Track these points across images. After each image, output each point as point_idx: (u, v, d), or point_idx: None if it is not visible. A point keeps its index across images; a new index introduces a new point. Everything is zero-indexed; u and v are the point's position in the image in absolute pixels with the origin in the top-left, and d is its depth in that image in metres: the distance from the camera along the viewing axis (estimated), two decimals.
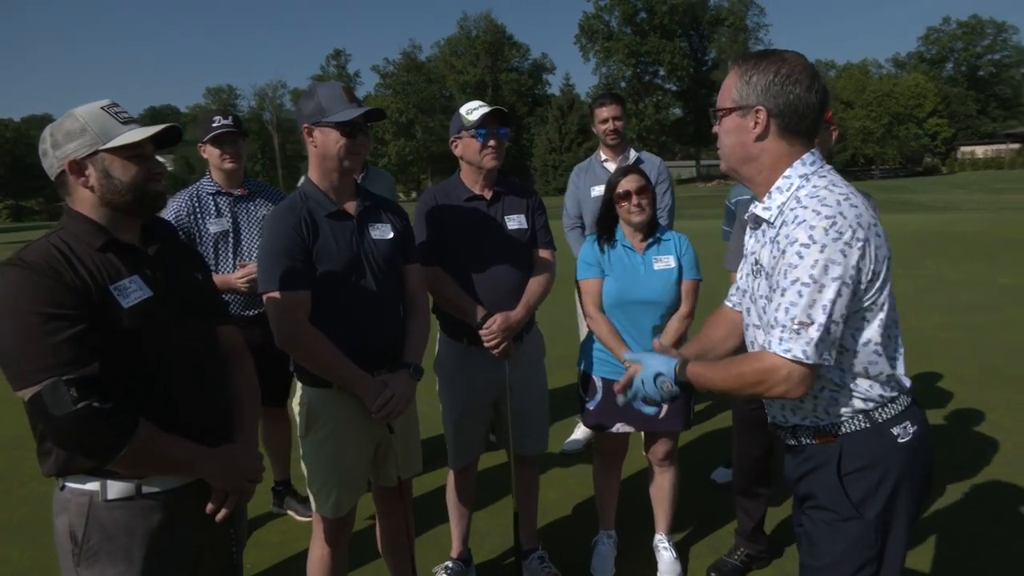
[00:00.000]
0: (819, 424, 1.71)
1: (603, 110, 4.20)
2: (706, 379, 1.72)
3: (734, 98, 1.68)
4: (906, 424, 1.68)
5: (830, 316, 1.52)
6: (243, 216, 3.44)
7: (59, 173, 1.66)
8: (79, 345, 1.53)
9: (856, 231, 1.53)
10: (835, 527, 1.69)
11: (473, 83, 67.06)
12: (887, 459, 1.66)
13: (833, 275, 1.51)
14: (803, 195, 1.62)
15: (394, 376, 2.34)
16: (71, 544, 1.64)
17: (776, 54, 1.68)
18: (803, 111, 1.64)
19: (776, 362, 1.55)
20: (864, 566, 1.67)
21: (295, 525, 3.75)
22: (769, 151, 1.68)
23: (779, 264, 1.59)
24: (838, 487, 1.68)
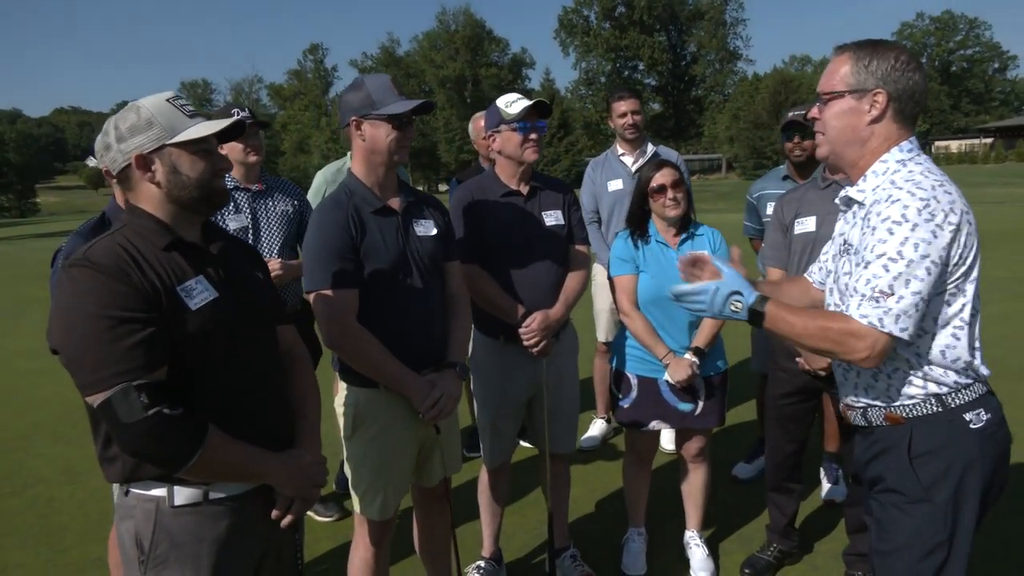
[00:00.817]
0: (891, 405, 1.74)
1: (621, 104, 4.17)
2: (785, 321, 1.66)
3: (849, 82, 1.72)
4: (980, 411, 1.70)
5: (913, 292, 1.56)
6: (262, 212, 3.35)
7: (123, 167, 1.59)
8: (149, 349, 1.47)
9: (948, 215, 1.58)
10: (904, 510, 1.72)
11: (453, 78, 66.73)
12: (958, 444, 1.68)
13: (921, 253, 1.56)
14: (898, 178, 1.66)
15: (441, 376, 2.30)
16: (137, 551, 1.59)
17: (888, 42, 1.73)
18: (917, 97, 1.71)
19: (859, 328, 1.59)
20: (934, 551, 1.68)
21: (315, 526, 3.68)
22: (879, 134, 1.73)
23: (868, 240, 1.63)
24: (908, 469, 1.70)
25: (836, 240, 1.89)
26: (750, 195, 3.90)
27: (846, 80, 1.72)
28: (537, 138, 2.68)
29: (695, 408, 2.90)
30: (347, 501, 3.89)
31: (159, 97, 1.61)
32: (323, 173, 3.94)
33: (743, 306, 1.69)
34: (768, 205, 3.65)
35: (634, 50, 65.36)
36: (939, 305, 1.65)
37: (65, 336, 1.46)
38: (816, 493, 3.78)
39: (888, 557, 1.76)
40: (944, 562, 1.69)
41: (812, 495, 3.74)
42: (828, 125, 1.77)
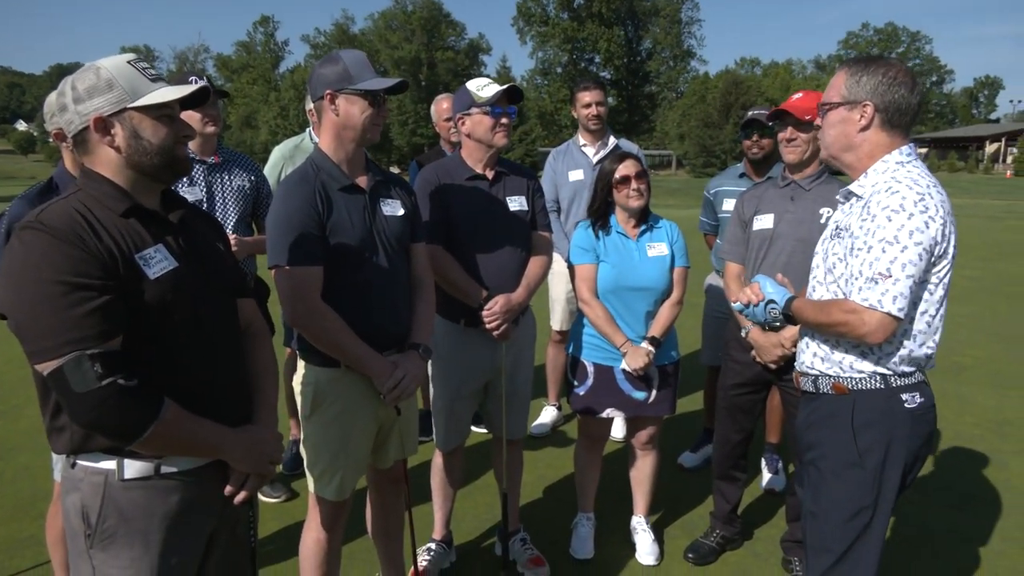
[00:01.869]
0: (840, 376, 1.95)
1: (586, 94, 4.19)
2: (804, 314, 1.99)
3: (843, 94, 1.93)
4: (915, 394, 1.92)
5: (908, 275, 1.75)
6: (217, 185, 3.25)
7: (81, 130, 1.52)
8: (105, 318, 1.42)
9: (939, 211, 1.78)
10: (838, 474, 1.94)
11: (408, 59, 65.76)
12: (892, 419, 1.90)
13: (915, 240, 1.75)
14: (899, 174, 1.86)
15: (404, 357, 2.28)
16: (83, 525, 1.54)
17: (883, 59, 1.94)
18: (904, 109, 1.90)
19: (856, 308, 1.80)
20: (859, 513, 1.91)
21: (264, 507, 3.62)
22: (869, 141, 1.93)
23: (867, 226, 1.82)
24: (848, 435, 1.91)
25: (829, 227, 2.09)
26: (707, 191, 3.99)
27: (841, 92, 1.94)
28: (508, 123, 2.68)
29: (649, 396, 2.96)
30: (295, 482, 3.85)
31: (120, 59, 1.55)
32: (280, 149, 3.85)
33: (779, 311, 2.07)
34: (724, 201, 3.74)
35: (591, 42, 65.58)
36: (920, 294, 1.84)
37: (15, 301, 1.40)
38: (757, 482, 3.91)
39: (818, 517, 1.99)
40: (867, 524, 1.91)
41: (753, 484, 3.87)
42: (826, 132, 2.00)
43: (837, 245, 1.96)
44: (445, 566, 3.10)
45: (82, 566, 1.55)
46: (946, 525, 3.47)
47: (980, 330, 7.30)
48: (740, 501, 3.28)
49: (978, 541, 3.33)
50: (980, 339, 6.96)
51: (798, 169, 2.90)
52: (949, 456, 4.27)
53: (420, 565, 2.98)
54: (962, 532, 3.40)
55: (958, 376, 5.79)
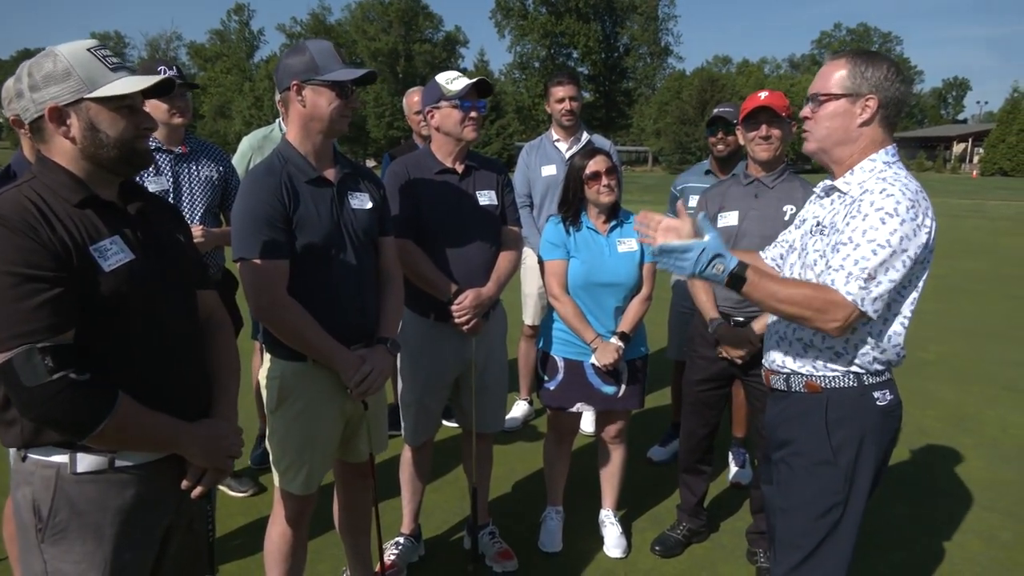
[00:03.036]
0: (813, 375, 1.93)
1: (559, 89, 4.19)
2: (765, 287, 1.80)
3: (845, 86, 1.86)
4: (886, 391, 1.93)
5: (890, 279, 1.75)
6: (184, 176, 3.21)
7: (36, 118, 1.49)
8: (56, 310, 1.39)
9: (926, 219, 1.78)
10: (810, 471, 1.92)
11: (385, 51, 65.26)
12: (865, 416, 1.89)
13: (904, 247, 1.74)
14: (888, 176, 1.82)
15: (372, 351, 2.27)
16: (35, 519, 1.51)
17: (878, 53, 1.90)
18: (901, 105, 1.88)
19: (842, 300, 1.75)
20: (831, 510, 1.90)
21: (228, 501, 3.59)
22: (866, 136, 1.88)
23: (856, 224, 1.78)
24: (823, 432, 1.90)
25: (808, 222, 2.04)
26: (674, 187, 4.02)
27: (843, 84, 1.86)
28: (477, 117, 2.67)
29: (618, 391, 2.99)
30: (262, 476, 3.82)
31: (79, 45, 1.50)
32: (249, 139, 3.81)
33: (724, 268, 1.78)
34: (691, 198, 3.77)
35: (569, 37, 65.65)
36: (896, 296, 1.84)
37: None
38: (723, 476, 3.96)
39: (788, 513, 1.97)
40: (838, 521, 1.89)
41: (719, 478, 3.92)
42: (820, 124, 1.91)
43: (819, 242, 1.92)
44: (413, 560, 3.09)
45: (33, 561, 1.52)
46: (907, 517, 3.54)
47: (943, 326, 7.46)
48: (706, 494, 3.32)
49: (938, 533, 3.40)
50: (943, 335, 7.11)
51: (768, 166, 2.93)
52: (912, 450, 4.36)
53: (388, 559, 2.98)
54: (922, 524, 3.48)
55: (922, 371, 5.92)
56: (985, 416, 4.95)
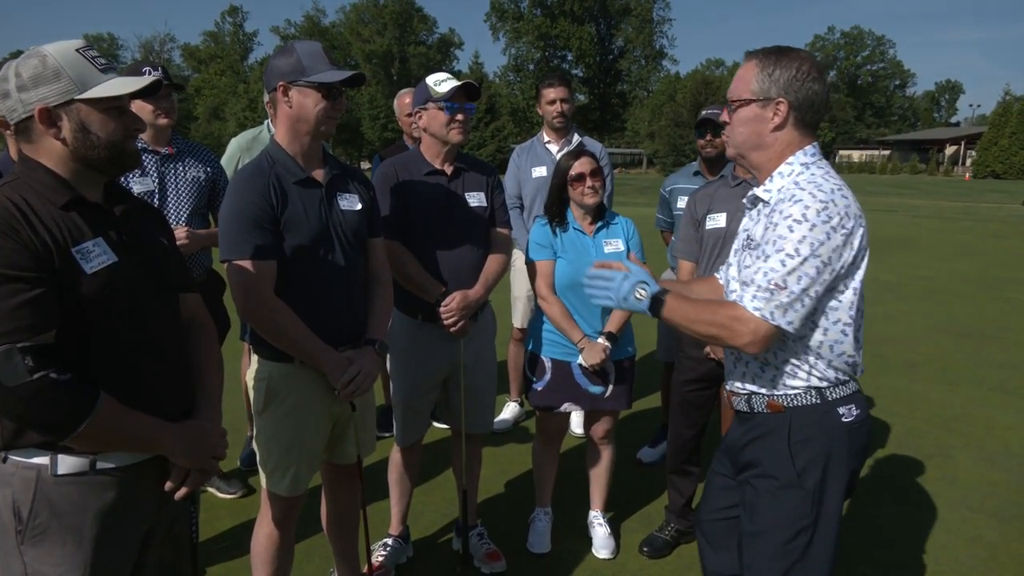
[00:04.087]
0: (774, 394, 1.83)
1: (551, 91, 4.20)
2: (679, 311, 1.77)
3: (753, 90, 1.78)
4: (851, 406, 1.82)
5: (803, 288, 1.66)
6: (171, 176, 3.20)
7: (24, 119, 1.49)
8: (37, 311, 1.39)
9: (844, 220, 1.68)
10: (776, 494, 1.81)
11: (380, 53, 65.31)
12: (830, 435, 1.79)
13: (814, 252, 1.65)
14: (802, 180, 1.74)
15: (359, 352, 2.27)
16: (15, 520, 1.50)
17: (793, 51, 1.78)
18: (817, 106, 1.78)
19: (745, 315, 1.68)
20: (799, 534, 1.79)
21: (217, 503, 3.59)
22: (782, 140, 1.80)
23: (768, 235, 1.72)
24: (786, 454, 1.79)
25: (740, 235, 1.97)
26: (663, 189, 4.04)
27: (751, 88, 1.78)
28: (464, 119, 2.67)
29: (605, 391, 3.00)
30: (251, 478, 3.81)
31: (67, 45, 1.50)
32: (238, 140, 3.80)
33: (647, 294, 1.78)
34: (679, 199, 3.79)
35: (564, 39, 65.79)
36: (828, 302, 1.74)
37: None
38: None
39: (756, 538, 1.85)
40: (808, 544, 1.79)
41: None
42: (735, 130, 1.85)
43: (748, 257, 1.83)
44: (402, 561, 3.10)
45: (13, 563, 1.51)
46: (893, 519, 3.56)
47: (933, 328, 7.51)
48: (694, 495, 3.33)
49: (923, 534, 3.42)
50: (932, 336, 7.15)
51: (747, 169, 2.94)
52: (899, 451, 4.38)
53: (376, 560, 2.98)
54: (909, 526, 3.50)
55: (910, 372, 5.95)
56: (973, 417, 4.97)
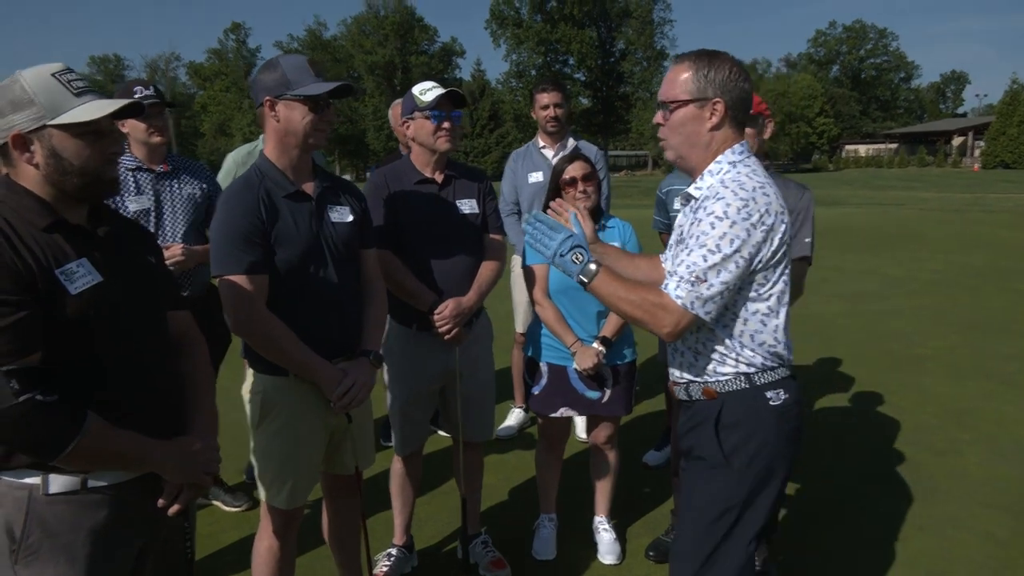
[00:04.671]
0: (707, 381, 1.92)
1: (544, 96, 4.20)
2: (609, 287, 1.85)
3: (691, 91, 1.84)
4: (780, 391, 1.90)
5: (723, 282, 1.74)
6: (166, 194, 3.22)
7: (1, 145, 1.50)
8: (21, 333, 1.40)
9: (764, 216, 1.75)
10: (705, 476, 1.91)
11: (382, 64, 65.61)
12: (758, 418, 1.87)
13: (734, 248, 1.73)
14: (727, 179, 1.81)
15: (354, 364, 2.28)
16: (8, 540, 1.51)
17: (719, 53, 1.88)
18: (747, 104, 1.88)
19: (670, 304, 1.77)
20: (727, 511, 1.87)
21: (223, 516, 3.60)
22: (718, 139, 1.88)
23: (693, 230, 1.80)
24: (713, 438, 1.88)
25: (675, 231, 2.03)
26: (659, 190, 4.02)
27: (688, 89, 1.84)
28: (450, 127, 2.67)
29: (602, 396, 2.98)
30: (256, 491, 3.81)
31: (43, 70, 1.51)
32: (234, 156, 3.82)
33: (583, 259, 1.87)
34: (676, 200, 3.76)
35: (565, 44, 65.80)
36: (750, 292, 1.83)
37: None
38: None
39: (686, 519, 1.97)
40: (733, 525, 1.86)
41: None
42: (674, 132, 1.90)
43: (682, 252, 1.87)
44: (406, 571, 3.09)
45: None
46: (903, 514, 3.52)
47: (941, 322, 7.44)
48: None
49: (936, 531, 3.38)
50: (941, 330, 7.08)
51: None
52: (909, 447, 4.34)
53: (380, 570, 2.98)
54: (918, 521, 3.46)
55: (918, 367, 5.89)
56: (983, 411, 4.91)
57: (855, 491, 3.79)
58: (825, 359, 6.21)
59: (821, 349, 6.47)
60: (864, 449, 4.32)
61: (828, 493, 3.76)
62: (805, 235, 2.82)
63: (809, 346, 6.51)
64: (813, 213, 2.88)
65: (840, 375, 5.79)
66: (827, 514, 3.55)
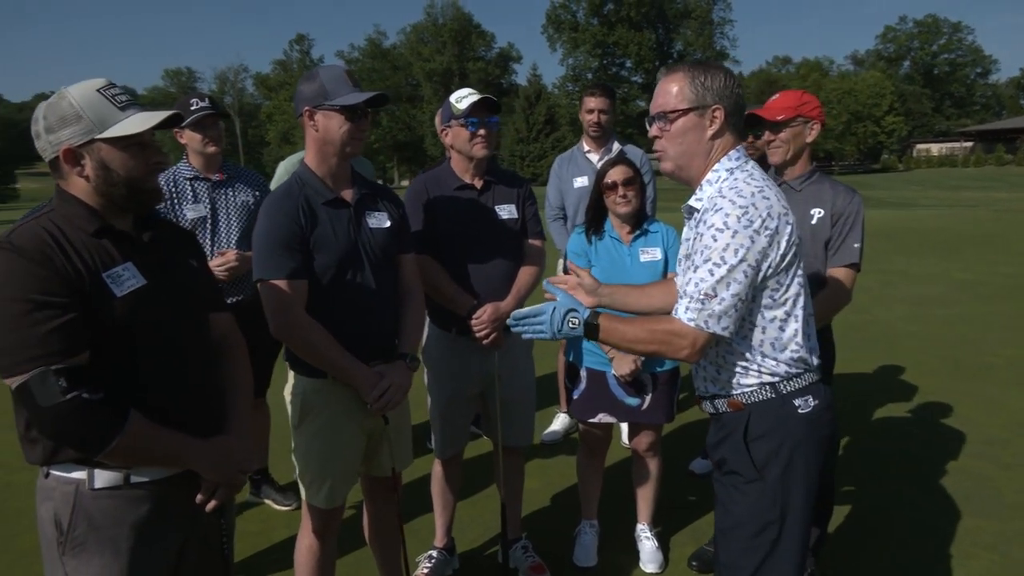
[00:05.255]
0: (731, 393, 1.89)
1: (591, 100, 4.19)
2: (616, 333, 1.84)
3: (689, 99, 1.82)
4: (808, 397, 1.85)
5: (733, 294, 1.71)
6: (221, 202, 3.35)
7: (53, 159, 1.59)
8: (69, 334, 1.48)
9: (766, 221, 1.71)
10: (741, 490, 1.87)
11: (440, 71, 66.48)
12: (787, 427, 1.83)
13: (739, 258, 1.70)
14: (724, 187, 1.78)
15: (391, 367, 2.32)
16: (56, 532, 1.60)
17: (711, 62, 1.91)
18: (742, 110, 1.87)
19: (683, 328, 1.75)
20: (766, 528, 1.83)
21: (274, 514, 3.70)
22: (717, 147, 1.86)
23: (696, 245, 1.78)
24: (744, 450, 1.85)
25: (683, 245, 1.99)
26: None
27: (687, 97, 1.82)
28: (486, 134, 2.69)
29: (642, 403, 2.94)
30: None
31: (89, 86, 1.59)
32: (285, 164, 3.93)
33: (579, 321, 1.84)
34: None
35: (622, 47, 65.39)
36: (765, 300, 1.79)
37: None
38: None
39: (726, 534, 1.91)
40: (777, 539, 1.82)
41: None
42: (673, 142, 1.87)
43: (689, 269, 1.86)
44: (447, 573, 3.12)
45: (55, 572, 1.61)
46: (968, 532, 3.36)
47: (1013, 329, 7.07)
48: None
49: (1002, 550, 3.21)
50: (1013, 338, 6.73)
51: (785, 170, 2.86)
52: (975, 460, 4.14)
53: (422, 572, 3.02)
54: (985, 540, 3.30)
55: (989, 376, 5.61)
56: None
57: (914, 504, 3.64)
58: (886, 366, 5.98)
59: (883, 356, 6.23)
60: (925, 461, 4.15)
61: (886, 505, 3.62)
62: (854, 240, 2.73)
63: (870, 353, 6.28)
64: (863, 217, 2.79)
65: (902, 383, 5.57)
66: (884, 527, 3.42)
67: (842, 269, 2.74)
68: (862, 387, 5.46)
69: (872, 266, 10.77)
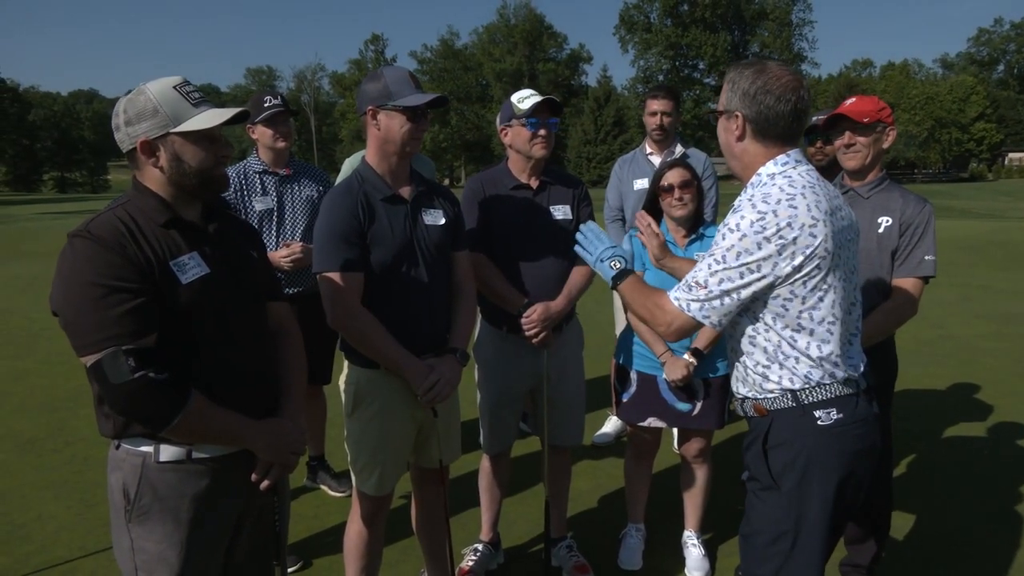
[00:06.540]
0: (756, 397, 1.88)
1: (654, 102, 4.15)
2: (629, 290, 1.97)
3: (723, 101, 1.88)
4: (831, 410, 1.79)
5: (723, 290, 1.73)
6: (288, 196, 3.49)
7: (130, 150, 1.70)
8: (139, 317, 1.58)
9: (782, 230, 1.68)
10: (759, 496, 1.87)
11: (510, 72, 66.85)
12: (804, 438, 1.79)
13: (741, 261, 1.71)
14: (756, 192, 1.78)
15: (441, 360, 2.37)
16: (124, 501, 1.71)
17: (761, 64, 1.84)
18: (773, 119, 1.80)
19: (667, 304, 1.83)
20: (780, 538, 1.80)
21: (328, 500, 3.82)
22: (746, 151, 1.87)
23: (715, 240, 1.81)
24: (762, 457, 1.84)
25: None
26: None
27: (724, 99, 1.88)
28: (546, 134, 2.72)
29: (693, 408, 2.91)
30: None
31: (166, 83, 1.70)
32: (350, 161, 4.04)
33: (620, 267, 2.00)
34: None
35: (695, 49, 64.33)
36: (775, 309, 1.76)
37: (63, 301, 1.58)
38: None
39: (746, 540, 1.92)
40: (790, 550, 1.79)
41: None
42: (719, 139, 1.94)
43: None
44: (492, 567, 3.16)
45: (122, 538, 1.73)
46: None
47: None
48: None
49: None
50: None
51: (859, 176, 2.78)
52: None
53: (466, 564, 3.07)
54: None
55: None
56: None
57: (980, 531, 3.47)
58: (961, 384, 5.71)
59: (957, 374, 5.95)
60: (996, 486, 3.94)
61: (949, 530, 3.46)
62: (925, 252, 2.63)
63: (942, 369, 6.01)
64: (934, 228, 2.68)
65: (976, 403, 5.30)
66: (945, 553, 3.27)
67: (909, 280, 2.64)
68: (932, 405, 5.23)
69: (949, 279, 10.26)
